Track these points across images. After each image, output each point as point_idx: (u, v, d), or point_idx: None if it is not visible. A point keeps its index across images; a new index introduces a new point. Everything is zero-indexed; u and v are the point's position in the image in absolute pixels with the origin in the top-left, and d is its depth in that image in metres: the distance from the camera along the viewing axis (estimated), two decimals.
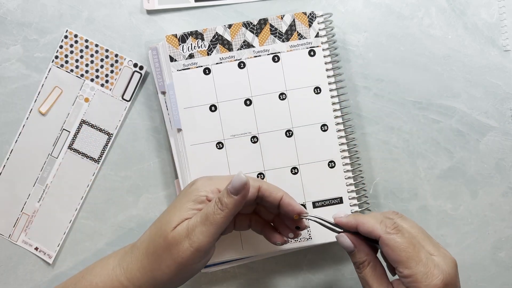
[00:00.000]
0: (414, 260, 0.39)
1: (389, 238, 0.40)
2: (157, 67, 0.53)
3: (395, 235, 0.40)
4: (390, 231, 0.41)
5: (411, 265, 0.39)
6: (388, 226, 0.41)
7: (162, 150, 0.54)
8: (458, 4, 0.55)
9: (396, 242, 0.40)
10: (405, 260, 0.39)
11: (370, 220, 0.42)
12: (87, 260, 0.54)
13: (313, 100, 0.52)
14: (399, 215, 0.43)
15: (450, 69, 0.55)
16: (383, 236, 0.41)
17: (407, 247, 0.40)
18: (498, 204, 0.55)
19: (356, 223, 0.43)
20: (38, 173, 0.54)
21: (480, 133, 0.55)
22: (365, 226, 0.42)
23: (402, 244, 0.40)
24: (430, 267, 0.39)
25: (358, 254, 0.43)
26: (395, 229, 0.41)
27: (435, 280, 0.39)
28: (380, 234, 0.41)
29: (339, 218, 0.44)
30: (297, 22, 0.52)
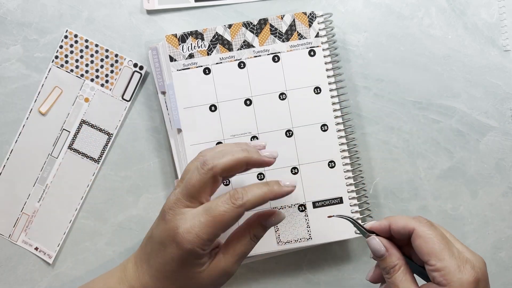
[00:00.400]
0: (447, 253, 0.39)
1: (423, 230, 0.40)
2: (157, 67, 0.53)
3: (428, 227, 0.40)
4: (424, 224, 0.41)
5: (444, 256, 0.39)
6: (421, 221, 0.41)
7: (162, 150, 0.54)
8: (458, 4, 0.55)
9: (429, 234, 0.40)
10: (439, 252, 0.39)
11: (403, 217, 0.42)
12: (87, 260, 0.54)
13: (313, 100, 0.52)
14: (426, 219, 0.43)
15: (450, 69, 0.55)
16: (417, 228, 0.40)
17: (440, 240, 0.39)
18: (498, 204, 0.55)
19: (388, 222, 0.42)
20: (38, 173, 0.54)
21: (480, 133, 0.55)
22: (399, 222, 0.41)
23: (436, 236, 0.40)
24: (463, 261, 0.39)
25: (389, 258, 0.42)
26: (428, 222, 0.41)
27: (468, 274, 0.38)
28: (414, 226, 0.40)
29: (372, 223, 0.43)
30: (297, 22, 0.52)
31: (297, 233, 0.51)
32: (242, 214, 0.42)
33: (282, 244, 0.51)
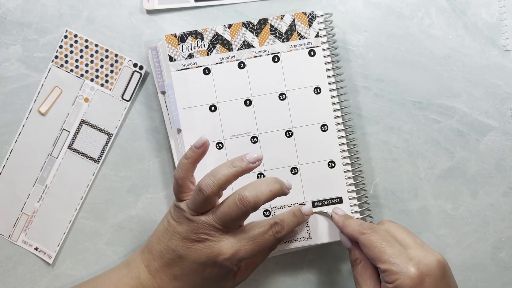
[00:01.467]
0: (388, 254, 0.41)
1: (364, 237, 0.43)
2: (157, 67, 0.53)
3: (369, 234, 0.43)
4: (364, 231, 0.44)
5: (385, 258, 0.41)
6: (364, 227, 0.44)
7: (162, 150, 0.54)
8: (458, 4, 0.55)
9: (369, 240, 0.43)
10: (379, 255, 0.42)
11: (352, 224, 0.46)
12: (87, 260, 0.54)
13: (313, 100, 0.52)
14: (388, 220, 0.47)
15: (450, 69, 0.55)
16: (359, 237, 0.44)
17: (380, 243, 0.42)
18: (498, 204, 0.55)
19: (342, 225, 0.47)
20: (38, 173, 0.54)
21: (480, 133, 0.55)
22: (347, 229, 0.46)
23: (376, 241, 0.42)
24: (405, 258, 0.41)
25: (353, 252, 0.46)
26: (370, 229, 0.44)
27: (410, 269, 0.40)
28: (357, 236, 0.44)
29: (334, 215, 0.49)
30: (297, 22, 0.52)
31: (297, 233, 0.51)
32: None
33: (282, 244, 0.51)
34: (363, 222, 0.46)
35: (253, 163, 0.45)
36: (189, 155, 0.46)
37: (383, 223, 0.47)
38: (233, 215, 0.44)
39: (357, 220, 0.47)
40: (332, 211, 0.50)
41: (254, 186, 0.45)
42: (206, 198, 0.44)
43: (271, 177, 0.46)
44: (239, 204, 0.43)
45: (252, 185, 0.45)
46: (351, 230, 0.45)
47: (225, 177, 0.44)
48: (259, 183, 0.45)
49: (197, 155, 0.46)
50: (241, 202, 0.43)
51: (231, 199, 0.44)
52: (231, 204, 0.44)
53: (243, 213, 0.44)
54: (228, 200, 0.45)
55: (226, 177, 0.44)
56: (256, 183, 0.45)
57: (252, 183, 0.45)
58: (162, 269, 0.46)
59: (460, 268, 0.55)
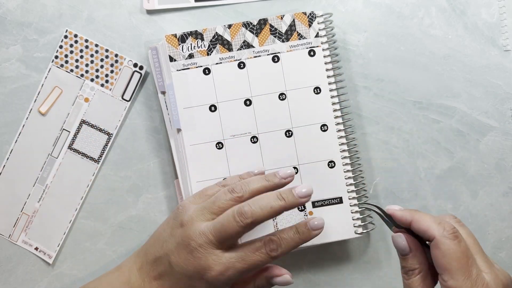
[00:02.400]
0: (464, 274, 0.36)
1: (445, 242, 0.37)
2: (157, 67, 0.53)
3: (451, 240, 0.37)
4: (447, 234, 0.37)
5: (459, 277, 0.36)
6: (446, 229, 0.38)
7: (162, 150, 0.54)
8: (458, 4, 0.55)
9: (450, 248, 0.37)
10: (455, 271, 0.36)
11: (427, 218, 0.39)
12: (87, 260, 0.54)
13: (313, 100, 0.52)
14: (457, 220, 0.40)
15: (450, 69, 0.55)
16: (438, 238, 0.37)
17: (460, 257, 0.37)
18: (498, 204, 0.55)
19: (411, 218, 0.40)
20: (38, 173, 0.54)
21: (480, 133, 0.55)
22: (421, 224, 0.39)
23: (456, 253, 0.37)
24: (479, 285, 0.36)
25: (411, 260, 0.40)
26: (453, 234, 0.37)
27: None
28: (436, 235, 0.37)
29: (393, 210, 0.41)
30: (297, 22, 0.52)
31: None
32: None
33: None
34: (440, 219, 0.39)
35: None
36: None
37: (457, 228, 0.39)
38: (229, 230, 0.42)
39: (429, 215, 0.39)
40: (388, 209, 0.42)
41: (256, 202, 0.42)
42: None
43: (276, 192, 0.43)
44: (237, 218, 0.42)
45: (255, 200, 0.43)
46: (427, 226, 0.38)
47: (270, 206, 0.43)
48: (261, 199, 0.43)
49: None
50: (240, 217, 0.42)
51: (230, 212, 0.42)
52: (230, 217, 0.42)
53: (240, 229, 0.42)
54: (227, 212, 0.43)
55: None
56: (258, 199, 0.43)
57: (255, 198, 0.43)
58: (152, 276, 0.45)
59: None
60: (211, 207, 0.44)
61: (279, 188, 0.45)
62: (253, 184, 0.44)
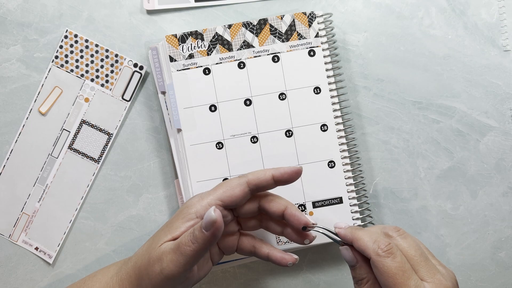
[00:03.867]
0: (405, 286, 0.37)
1: (379, 260, 0.39)
2: (157, 67, 0.53)
3: (385, 258, 0.39)
4: (381, 253, 0.39)
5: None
6: (381, 247, 0.39)
7: (162, 150, 0.54)
8: (458, 4, 0.55)
9: (384, 266, 0.38)
10: (392, 287, 0.38)
11: (364, 238, 0.41)
12: (87, 260, 0.54)
13: (313, 100, 0.52)
14: (400, 233, 0.41)
15: (450, 69, 0.55)
16: (373, 257, 0.39)
17: (395, 274, 0.38)
18: (498, 204, 0.55)
19: (351, 238, 0.42)
20: (38, 173, 0.54)
21: (480, 133, 0.55)
22: (359, 243, 0.41)
23: (391, 270, 0.38)
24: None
25: (358, 270, 0.42)
26: (387, 251, 0.39)
27: None
28: (371, 255, 0.39)
29: (338, 229, 0.44)
30: (297, 22, 0.52)
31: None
32: None
33: (282, 244, 0.51)
34: (377, 236, 0.41)
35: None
36: None
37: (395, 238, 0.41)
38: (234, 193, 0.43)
39: (368, 233, 0.41)
40: (334, 227, 0.44)
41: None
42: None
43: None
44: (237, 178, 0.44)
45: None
46: (363, 246, 0.40)
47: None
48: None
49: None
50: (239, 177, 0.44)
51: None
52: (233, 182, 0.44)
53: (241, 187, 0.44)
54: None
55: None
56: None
57: None
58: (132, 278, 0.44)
59: (460, 268, 0.55)
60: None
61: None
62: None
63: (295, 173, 0.44)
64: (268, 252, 0.46)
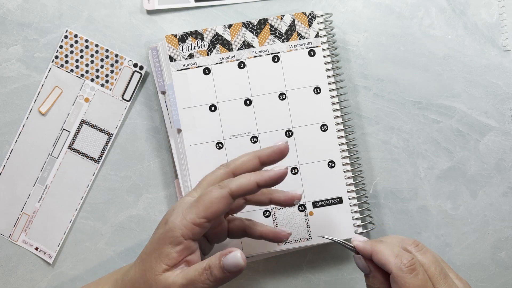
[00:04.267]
0: None
1: (401, 276, 0.37)
2: (157, 67, 0.53)
3: (408, 274, 0.37)
4: (404, 268, 0.37)
5: None
6: (404, 263, 0.37)
7: (162, 150, 0.54)
8: (458, 4, 0.55)
9: (406, 283, 0.37)
10: None
11: (385, 251, 0.39)
12: (87, 260, 0.54)
13: (313, 100, 0.52)
14: (419, 247, 0.40)
15: (450, 69, 0.55)
16: (395, 272, 0.37)
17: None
18: (498, 204, 0.55)
19: (371, 251, 0.40)
20: (38, 173, 0.54)
21: (480, 133, 0.55)
22: (379, 257, 0.39)
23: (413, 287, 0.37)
24: None
25: (372, 280, 0.40)
26: (410, 267, 0.37)
27: None
28: (392, 270, 0.38)
29: (356, 242, 0.42)
30: (297, 22, 0.52)
31: (297, 233, 0.51)
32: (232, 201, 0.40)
33: (282, 244, 0.51)
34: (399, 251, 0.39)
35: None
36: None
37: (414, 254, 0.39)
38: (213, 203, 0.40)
39: (389, 246, 0.40)
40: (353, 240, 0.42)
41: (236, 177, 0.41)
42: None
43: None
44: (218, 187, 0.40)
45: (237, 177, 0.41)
46: (384, 260, 0.38)
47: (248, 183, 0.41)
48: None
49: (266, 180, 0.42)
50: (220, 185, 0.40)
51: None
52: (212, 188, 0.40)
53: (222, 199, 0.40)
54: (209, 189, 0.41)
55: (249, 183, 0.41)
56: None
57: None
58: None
59: (460, 268, 0.55)
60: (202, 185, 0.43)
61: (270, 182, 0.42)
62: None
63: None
64: (260, 231, 0.46)
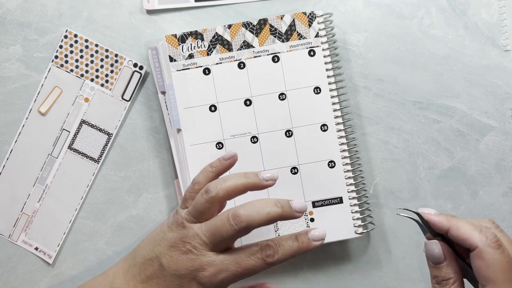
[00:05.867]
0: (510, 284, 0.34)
1: (488, 252, 0.35)
2: (157, 67, 0.53)
3: (495, 250, 0.35)
4: (491, 243, 0.35)
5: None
6: (489, 238, 0.35)
7: (162, 150, 0.54)
8: (458, 4, 0.55)
9: (495, 259, 0.35)
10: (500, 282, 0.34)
11: (466, 226, 0.36)
12: (87, 260, 0.54)
13: (313, 100, 0.52)
14: (496, 225, 0.38)
15: (450, 69, 0.55)
16: (481, 247, 0.35)
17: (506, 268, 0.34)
18: (498, 204, 0.55)
19: (448, 224, 0.37)
20: (38, 173, 0.54)
21: (480, 133, 0.55)
22: (460, 231, 0.36)
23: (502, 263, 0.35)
24: None
25: (445, 269, 0.37)
26: (496, 243, 0.35)
27: None
28: (479, 245, 0.35)
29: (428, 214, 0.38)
30: (297, 22, 0.52)
31: None
32: None
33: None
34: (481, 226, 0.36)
35: (267, 181, 0.43)
36: (215, 164, 0.45)
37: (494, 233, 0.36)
38: (223, 232, 0.41)
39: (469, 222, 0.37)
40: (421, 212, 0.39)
41: (252, 205, 0.41)
42: (210, 199, 0.42)
43: (274, 199, 0.42)
44: (231, 221, 0.40)
45: (251, 204, 0.41)
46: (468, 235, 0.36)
47: (235, 184, 0.42)
48: (258, 203, 0.41)
49: (223, 166, 0.45)
50: (234, 220, 0.41)
51: (225, 214, 0.41)
52: (224, 219, 0.41)
53: (234, 232, 0.41)
54: (222, 214, 0.42)
55: (236, 185, 0.42)
56: (255, 203, 0.41)
57: (252, 202, 0.42)
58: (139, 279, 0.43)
59: None
60: (193, 212, 0.43)
61: (258, 188, 0.44)
62: (230, 181, 0.43)
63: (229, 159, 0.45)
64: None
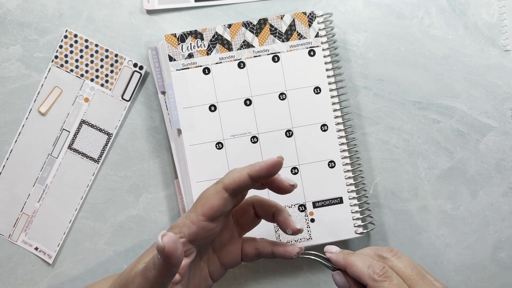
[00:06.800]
0: None
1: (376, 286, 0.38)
2: (157, 67, 0.53)
3: (382, 282, 0.38)
4: (377, 278, 0.38)
5: None
6: (376, 272, 0.38)
7: (162, 150, 0.54)
8: (458, 4, 0.55)
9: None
10: None
11: (358, 263, 0.40)
12: (86, 260, 0.54)
13: (313, 100, 0.52)
14: (393, 253, 0.40)
15: (450, 69, 0.55)
16: (370, 284, 0.38)
17: None
18: (498, 204, 0.55)
19: (344, 264, 0.41)
20: (38, 173, 0.54)
21: (480, 133, 0.55)
22: (353, 270, 0.40)
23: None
24: None
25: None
26: (383, 275, 0.38)
27: None
28: (367, 282, 0.38)
29: (330, 254, 0.43)
30: (297, 22, 0.52)
31: None
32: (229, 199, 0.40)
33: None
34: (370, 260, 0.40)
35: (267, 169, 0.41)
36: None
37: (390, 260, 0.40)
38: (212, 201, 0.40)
39: (361, 257, 0.40)
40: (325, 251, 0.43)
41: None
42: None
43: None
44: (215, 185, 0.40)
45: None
46: (358, 272, 0.39)
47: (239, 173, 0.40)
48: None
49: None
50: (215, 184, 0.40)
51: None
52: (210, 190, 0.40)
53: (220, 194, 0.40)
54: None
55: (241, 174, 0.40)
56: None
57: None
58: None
59: (460, 268, 0.55)
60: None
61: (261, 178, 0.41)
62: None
63: (272, 167, 0.40)
64: (272, 249, 0.44)
